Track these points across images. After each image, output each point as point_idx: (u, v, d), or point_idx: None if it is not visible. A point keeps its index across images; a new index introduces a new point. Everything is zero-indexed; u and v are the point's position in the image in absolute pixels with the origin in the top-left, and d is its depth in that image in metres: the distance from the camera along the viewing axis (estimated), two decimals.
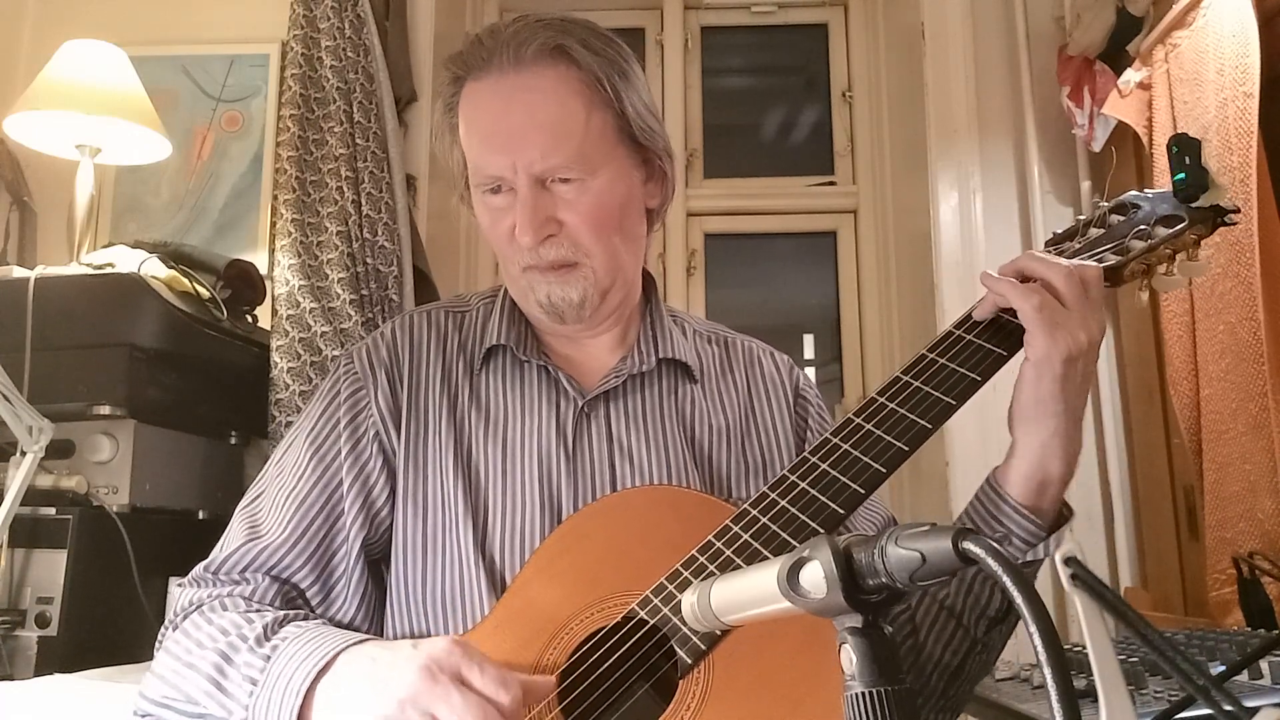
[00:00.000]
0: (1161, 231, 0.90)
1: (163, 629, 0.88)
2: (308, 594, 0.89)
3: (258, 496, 0.94)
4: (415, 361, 0.97)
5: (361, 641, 0.76)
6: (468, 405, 0.96)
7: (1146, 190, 0.95)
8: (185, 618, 0.86)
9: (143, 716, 0.84)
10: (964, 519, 0.87)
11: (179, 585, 0.90)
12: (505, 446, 0.93)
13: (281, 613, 0.83)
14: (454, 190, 1.01)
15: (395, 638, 0.90)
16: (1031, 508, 0.84)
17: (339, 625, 0.90)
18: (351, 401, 0.95)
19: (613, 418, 0.96)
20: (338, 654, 0.74)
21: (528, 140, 0.88)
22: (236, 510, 0.94)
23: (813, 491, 0.79)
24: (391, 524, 0.93)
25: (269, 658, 0.76)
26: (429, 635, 0.89)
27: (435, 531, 0.91)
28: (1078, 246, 0.92)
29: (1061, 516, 0.87)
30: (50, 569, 1.45)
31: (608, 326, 1.00)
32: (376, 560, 0.94)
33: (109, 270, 1.70)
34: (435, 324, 1.01)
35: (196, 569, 0.90)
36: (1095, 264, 0.86)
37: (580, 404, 0.95)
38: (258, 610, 0.84)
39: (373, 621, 0.92)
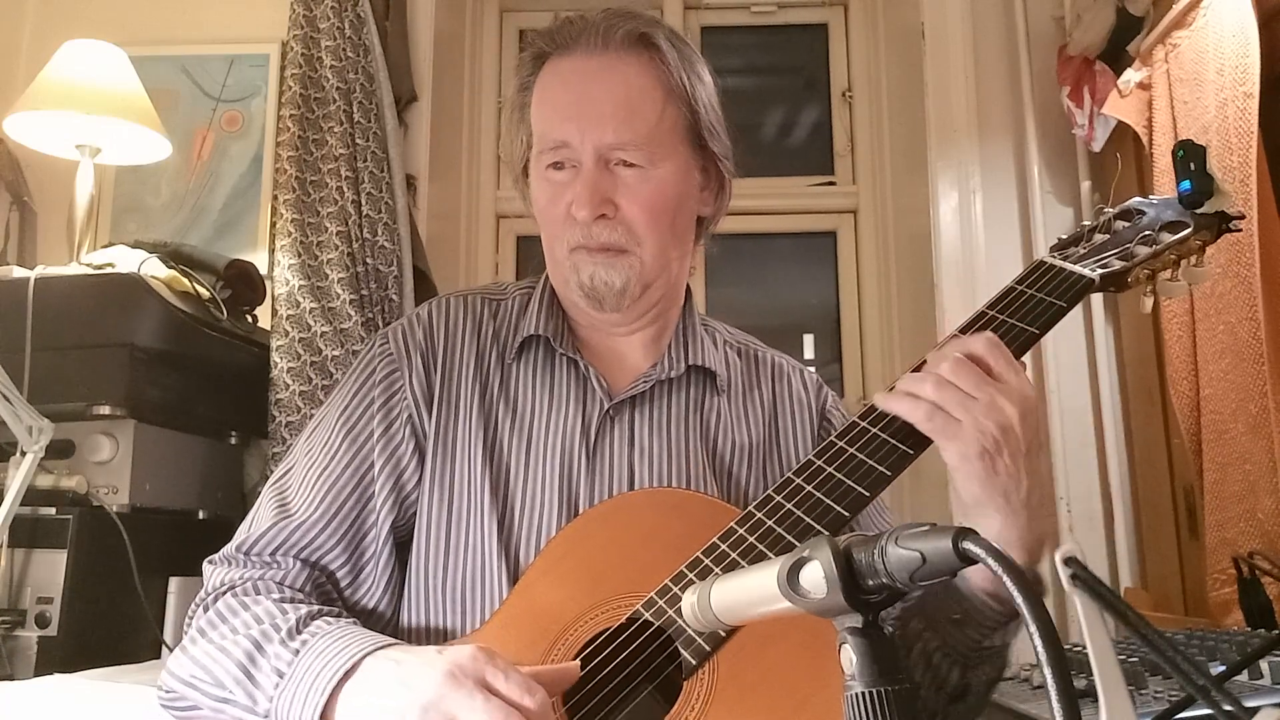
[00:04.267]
0: (1166, 237, 0.91)
1: (193, 606, 0.88)
2: (337, 575, 0.90)
3: (287, 472, 0.94)
4: (450, 346, 0.98)
5: (389, 645, 0.76)
6: (497, 395, 0.96)
7: (1151, 196, 0.96)
8: (217, 599, 0.86)
9: (167, 692, 0.84)
10: (925, 592, 0.84)
11: (210, 563, 0.90)
12: (530, 441, 0.94)
13: (315, 606, 0.83)
14: (510, 173, 1.02)
15: (410, 625, 0.91)
16: (993, 594, 0.80)
17: (365, 609, 0.90)
18: (387, 383, 0.95)
19: (637, 422, 0.96)
20: (365, 655, 0.74)
21: (602, 114, 0.90)
22: (266, 485, 0.94)
23: (817, 494, 0.79)
24: (420, 507, 0.93)
25: (298, 652, 0.77)
26: (444, 625, 0.89)
27: (459, 519, 0.91)
28: (1082, 252, 0.93)
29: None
30: (50, 569, 1.45)
31: (643, 324, 1.00)
32: (403, 544, 0.94)
33: (109, 270, 1.70)
34: (471, 310, 1.01)
35: (228, 547, 0.90)
36: (988, 336, 0.81)
37: (606, 406, 0.95)
38: (291, 600, 0.84)
39: (396, 606, 0.93)
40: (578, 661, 0.76)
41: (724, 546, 0.79)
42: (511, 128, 0.98)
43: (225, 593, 0.86)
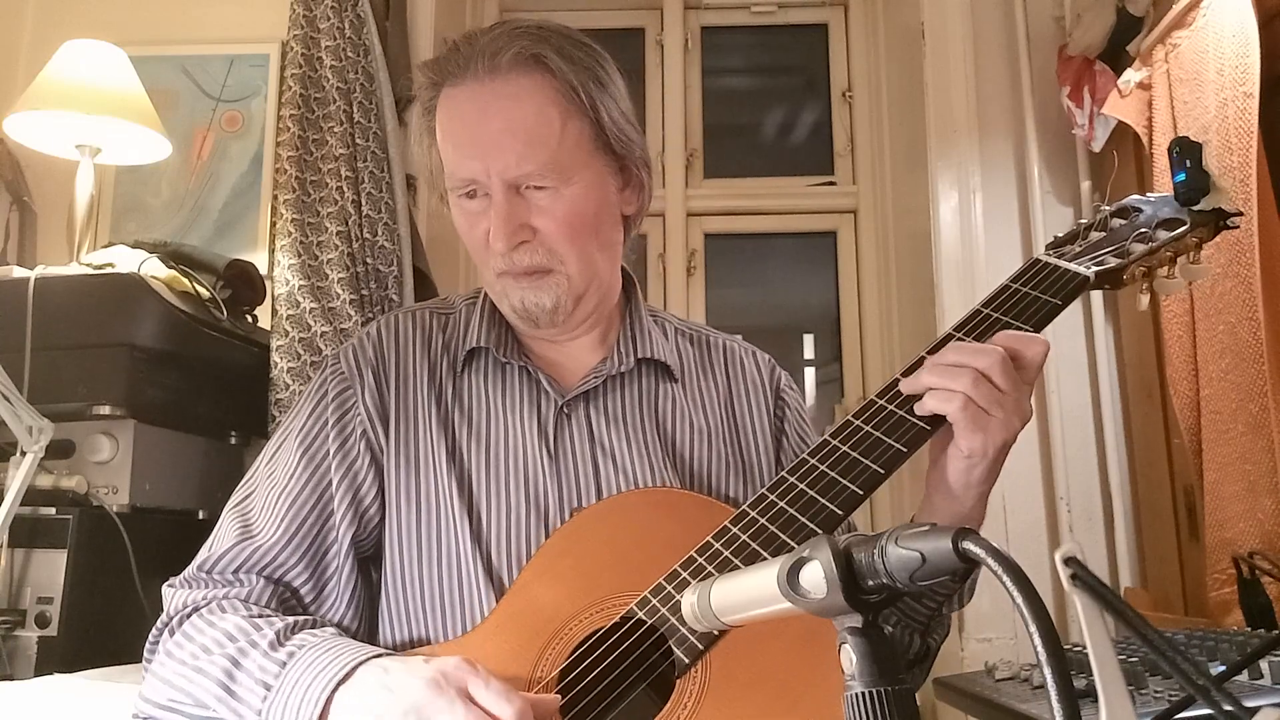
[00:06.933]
0: (1163, 235, 0.91)
1: (155, 631, 0.87)
2: (301, 592, 0.90)
3: (248, 496, 0.94)
4: (401, 360, 0.98)
5: (379, 654, 0.77)
6: (451, 404, 0.96)
7: (1148, 194, 0.96)
8: (183, 621, 0.86)
9: (142, 718, 0.84)
10: None
11: (170, 587, 0.90)
12: (489, 446, 0.94)
13: (291, 619, 0.83)
14: (434, 191, 1.01)
15: (392, 637, 0.91)
16: None
17: (331, 624, 0.90)
18: (339, 401, 0.95)
19: (593, 417, 0.96)
20: (358, 664, 0.75)
21: (502, 147, 0.89)
22: (226, 509, 0.94)
23: (811, 493, 0.79)
24: (381, 521, 0.93)
25: (284, 664, 0.77)
26: (426, 633, 0.89)
27: (431, 526, 0.91)
28: (1078, 250, 0.92)
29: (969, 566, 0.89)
30: (50, 569, 1.45)
31: (585, 329, 1.01)
32: (365, 559, 0.94)
33: (109, 270, 1.70)
34: (420, 323, 1.01)
35: (189, 569, 0.90)
36: (1037, 335, 0.84)
37: (560, 404, 0.96)
38: (261, 615, 0.84)
39: (361, 619, 0.93)
40: (556, 695, 0.76)
41: (718, 545, 0.79)
42: (423, 151, 0.98)
43: (190, 614, 0.85)
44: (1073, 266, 0.89)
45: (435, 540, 0.90)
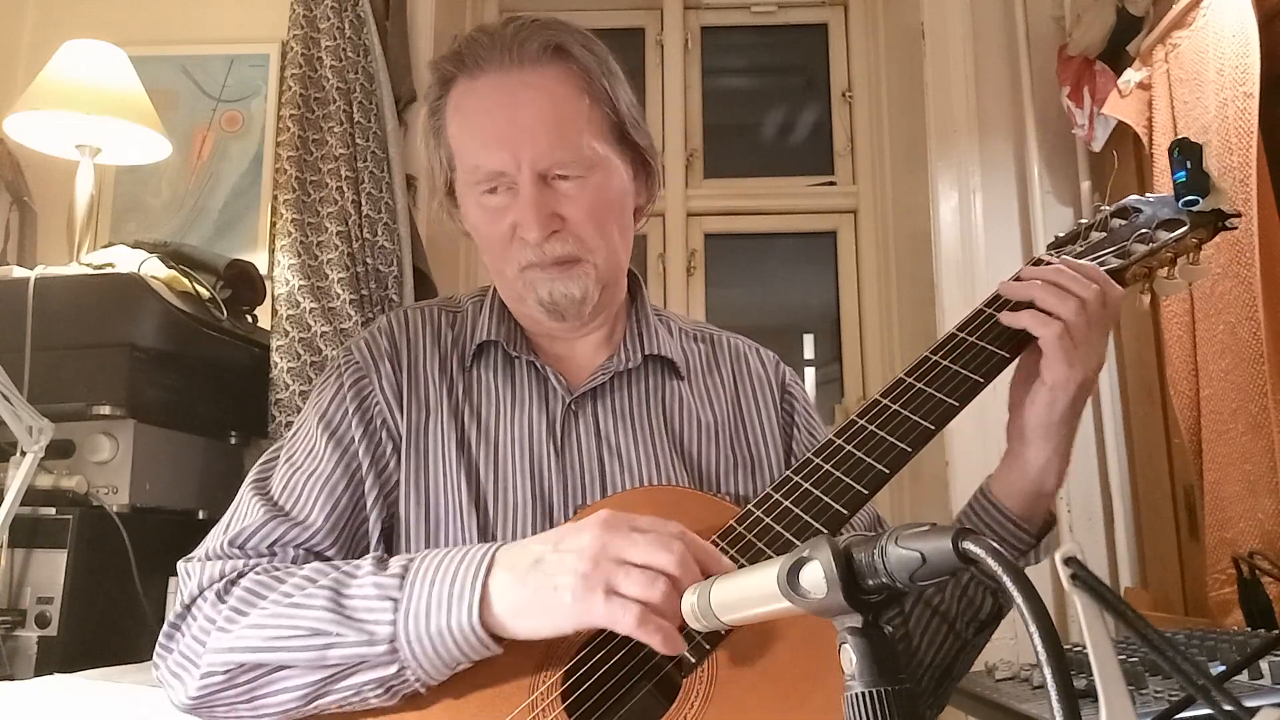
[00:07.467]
0: (1163, 235, 0.91)
1: (181, 606, 0.84)
2: None
3: (267, 476, 0.93)
4: (413, 352, 0.98)
5: (502, 543, 0.77)
6: (461, 398, 0.97)
7: (1148, 194, 0.96)
8: (229, 586, 0.82)
9: (223, 673, 0.78)
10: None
11: (193, 561, 0.86)
12: (496, 441, 0.94)
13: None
14: (434, 195, 1.01)
15: None
16: (1025, 518, 0.88)
17: None
18: (356, 389, 0.95)
19: (600, 415, 0.97)
20: (495, 551, 0.75)
21: (534, 135, 0.89)
22: (245, 487, 0.92)
23: (816, 492, 0.79)
24: (398, 508, 0.93)
25: (402, 577, 0.76)
26: None
27: (439, 517, 0.91)
28: (1079, 250, 0.93)
29: (1047, 522, 0.90)
30: (50, 569, 1.45)
31: (597, 325, 1.01)
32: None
33: (109, 270, 1.70)
34: (430, 319, 1.02)
35: (214, 545, 0.87)
36: (1116, 284, 0.87)
37: (568, 401, 0.96)
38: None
39: None
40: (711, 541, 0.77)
41: (723, 545, 0.79)
42: (429, 152, 0.98)
43: (236, 579, 0.82)
44: None
45: (441, 533, 0.91)
